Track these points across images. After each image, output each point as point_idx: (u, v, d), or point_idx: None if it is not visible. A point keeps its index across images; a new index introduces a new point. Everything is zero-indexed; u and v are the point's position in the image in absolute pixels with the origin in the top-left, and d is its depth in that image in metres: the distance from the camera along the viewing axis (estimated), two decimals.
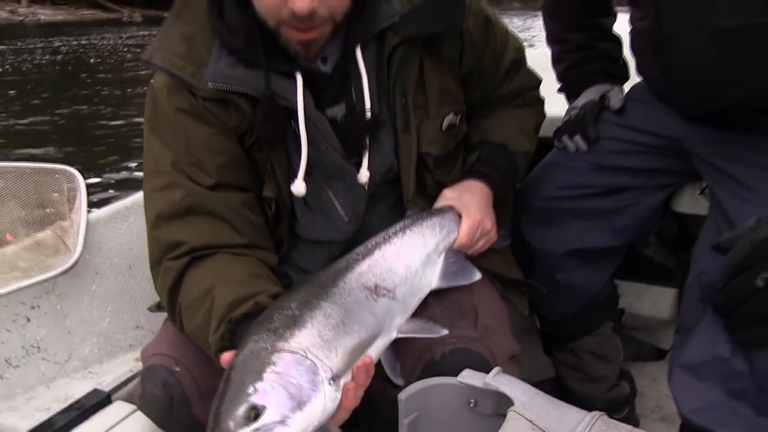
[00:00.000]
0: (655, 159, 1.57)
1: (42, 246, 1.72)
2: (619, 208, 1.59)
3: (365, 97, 1.21)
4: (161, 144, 1.22)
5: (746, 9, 1.17)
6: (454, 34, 1.28)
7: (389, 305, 1.14)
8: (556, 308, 1.72)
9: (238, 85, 1.16)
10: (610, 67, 1.70)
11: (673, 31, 1.31)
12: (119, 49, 20.02)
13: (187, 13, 1.23)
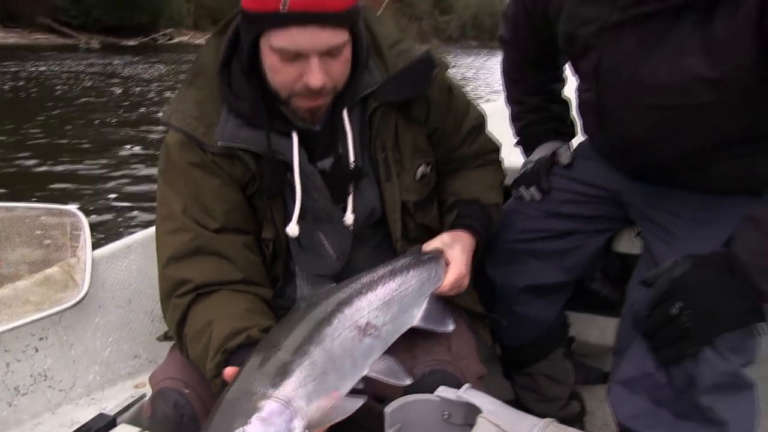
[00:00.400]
0: (598, 207, 1.79)
1: (51, 281, 1.88)
2: (568, 249, 1.81)
3: (350, 152, 1.43)
4: (173, 193, 1.42)
5: (664, 92, 1.40)
6: (422, 99, 1.50)
7: (372, 344, 1.28)
8: (515, 337, 1.92)
9: (244, 144, 1.37)
10: (560, 127, 1.94)
11: (611, 105, 1.54)
12: (83, 77, 19.90)
13: (200, 81, 1.44)
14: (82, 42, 41.29)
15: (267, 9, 1.24)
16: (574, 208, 1.80)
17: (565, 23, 1.59)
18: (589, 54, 1.53)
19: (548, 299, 1.89)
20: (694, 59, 1.31)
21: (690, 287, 1.37)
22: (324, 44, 1.26)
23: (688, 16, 1.31)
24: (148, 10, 49.70)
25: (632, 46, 1.41)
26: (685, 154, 1.51)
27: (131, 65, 25.49)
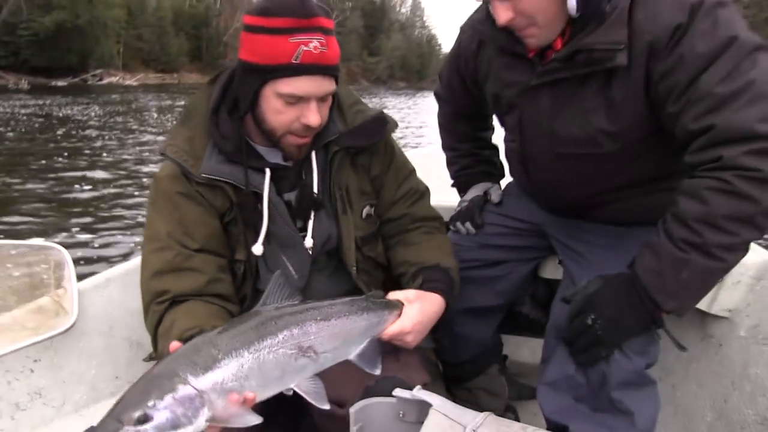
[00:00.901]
0: (525, 239, 2.08)
1: (44, 310, 2.07)
2: (500, 276, 2.08)
3: (314, 185, 1.71)
4: (160, 218, 1.66)
5: (574, 143, 1.69)
6: (368, 150, 1.80)
7: (306, 365, 1.39)
8: (455, 355, 2.17)
9: (225, 177, 1.63)
10: (490, 169, 2.25)
11: (532, 154, 1.84)
12: (20, 118, 19.63)
13: (191, 121, 1.70)
14: (11, 82, 40.52)
15: (279, 61, 1.49)
16: (504, 239, 2.08)
17: (492, 85, 1.86)
18: (512, 111, 1.82)
19: (483, 320, 2.14)
20: (598, 117, 1.60)
21: (600, 302, 1.60)
22: (324, 91, 1.56)
23: (592, 82, 1.58)
24: (78, 51, 49.04)
25: (548, 105, 1.68)
26: (595, 193, 1.80)
27: (65, 106, 25.19)
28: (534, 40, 1.60)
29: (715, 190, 1.39)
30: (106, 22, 50.58)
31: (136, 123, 20.28)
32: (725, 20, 1.42)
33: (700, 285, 1.54)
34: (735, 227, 1.40)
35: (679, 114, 1.46)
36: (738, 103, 1.37)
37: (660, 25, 1.45)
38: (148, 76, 60.69)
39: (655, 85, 1.50)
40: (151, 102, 30.99)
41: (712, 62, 1.40)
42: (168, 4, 71.46)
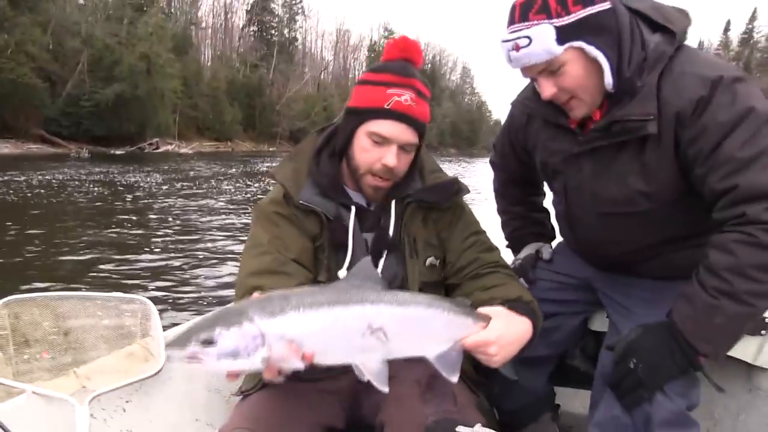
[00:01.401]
0: (574, 293, 2.23)
1: (134, 356, 2.28)
2: (553, 328, 2.20)
3: (390, 229, 1.94)
4: (262, 230, 1.91)
5: (614, 203, 1.86)
6: (441, 209, 2.01)
7: (374, 345, 1.46)
8: (510, 402, 2.28)
9: (318, 207, 1.89)
10: (541, 230, 2.43)
11: (577, 214, 2.02)
12: (85, 184, 20.54)
13: (297, 158, 2.00)
14: (73, 151, 42.03)
15: (376, 105, 1.81)
16: (555, 294, 2.23)
17: (540, 154, 2.07)
18: (558, 177, 2.02)
19: (536, 369, 2.27)
20: (634, 179, 1.79)
21: (641, 347, 1.75)
22: (405, 139, 1.83)
23: (628, 149, 1.77)
24: (136, 121, 50.32)
25: (589, 170, 1.88)
26: (635, 250, 1.96)
27: (126, 173, 26.12)
28: (576, 112, 1.80)
29: (742, 243, 1.57)
30: (163, 93, 52.21)
31: (195, 188, 21.01)
32: (743, 93, 1.62)
33: (731, 330, 1.70)
34: (761, 275, 1.57)
35: (706, 176, 1.64)
36: (758, 165, 1.57)
37: (685, 98, 1.65)
38: (203, 145, 62.33)
39: (684, 150, 1.69)
40: (207, 169, 31.94)
41: (733, 130, 1.59)
42: (222, 75, 73.92)
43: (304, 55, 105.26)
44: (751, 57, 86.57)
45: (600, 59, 1.66)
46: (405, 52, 1.89)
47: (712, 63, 1.70)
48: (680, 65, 1.70)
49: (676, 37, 1.72)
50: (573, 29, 1.64)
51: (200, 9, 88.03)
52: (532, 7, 1.65)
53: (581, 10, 1.63)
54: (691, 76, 1.66)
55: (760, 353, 2.15)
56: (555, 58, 1.67)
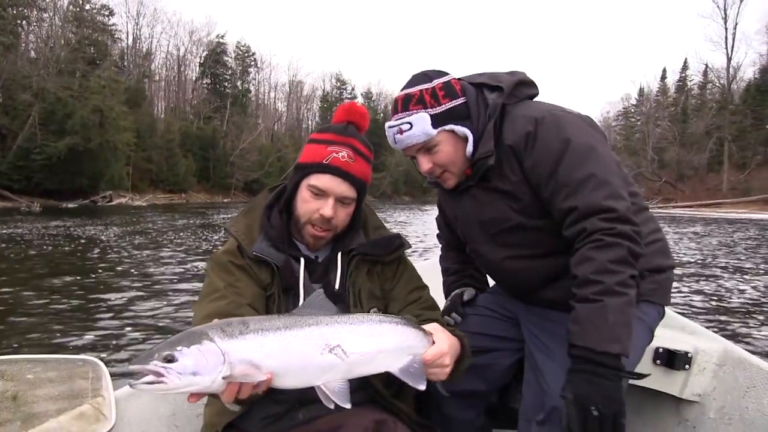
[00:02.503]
0: (506, 329, 2.41)
1: (85, 416, 2.27)
2: (486, 364, 2.36)
3: (336, 281, 2.06)
4: (218, 278, 2.01)
5: (496, 223, 2.18)
6: (384, 262, 2.16)
7: (334, 363, 1.56)
8: None
9: (270, 258, 2.02)
10: (472, 282, 2.62)
11: (475, 247, 2.34)
12: (37, 239, 20.12)
13: (251, 213, 2.16)
14: (24, 205, 41.28)
15: (316, 160, 2.01)
16: (492, 329, 2.42)
17: (445, 210, 2.52)
18: (456, 222, 2.41)
19: (467, 403, 2.40)
20: (501, 202, 2.14)
21: (586, 394, 1.81)
22: (341, 192, 2.01)
23: (488, 181, 2.15)
24: (88, 174, 49.90)
25: (469, 205, 2.25)
26: (529, 265, 2.19)
27: (79, 227, 25.71)
28: (449, 183, 2.22)
29: (594, 248, 1.87)
30: (116, 146, 51.88)
31: (149, 241, 20.74)
32: (562, 127, 2.00)
33: (624, 320, 1.85)
34: (619, 267, 1.84)
35: (551, 198, 2.00)
36: (587, 188, 1.93)
37: (517, 134, 2.05)
38: (157, 197, 62.06)
39: (528, 178, 2.06)
40: (161, 221, 31.61)
41: (561, 158, 1.97)
42: (176, 127, 73.71)
43: (257, 107, 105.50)
44: (687, 103, 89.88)
45: (468, 135, 2.10)
46: (350, 115, 2.10)
47: (539, 107, 2.10)
48: (515, 111, 2.11)
49: (504, 90, 2.13)
50: (443, 116, 2.09)
51: (153, 62, 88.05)
52: (411, 100, 2.10)
53: (449, 102, 2.10)
54: (521, 117, 2.07)
55: (685, 387, 2.32)
56: (430, 138, 2.09)
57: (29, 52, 59.36)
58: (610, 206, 1.89)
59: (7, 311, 9.31)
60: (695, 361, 2.31)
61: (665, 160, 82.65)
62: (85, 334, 7.98)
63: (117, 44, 78.07)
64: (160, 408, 2.46)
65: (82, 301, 10.22)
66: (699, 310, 10.06)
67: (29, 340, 7.70)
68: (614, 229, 1.87)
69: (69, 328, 8.36)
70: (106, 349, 7.24)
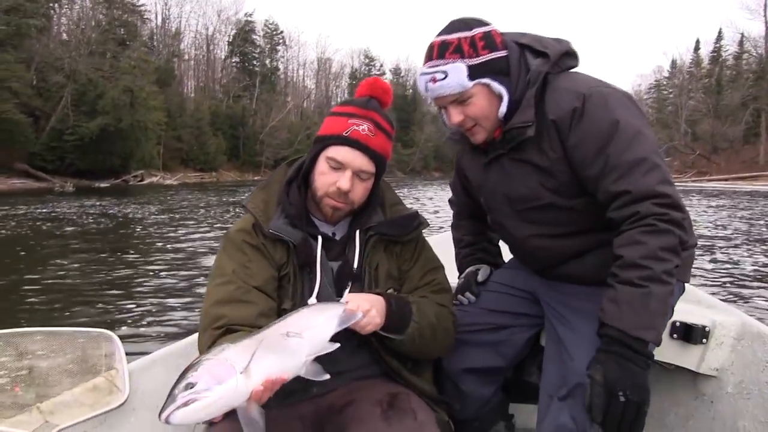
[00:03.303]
0: (522, 305, 2.36)
1: (99, 389, 2.30)
2: (501, 340, 2.34)
3: (354, 260, 2.03)
4: (228, 259, 2.00)
5: (524, 200, 2.12)
6: (402, 241, 2.12)
7: (299, 342, 1.68)
8: (463, 411, 2.36)
9: (287, 236, 1.99)
10: (486, 257, 2.57)
11: (499, 219, 2.26)
12: (70, 217, 20.46)
13: (268, 188, 2.13)
14: (57, 185, 41.87)
15: (336, 132, 1.98)
16: (506, 305, 2.37)
17: (468, 175, 2.36)
18: (480, 190, 2.29)
19: (486, 380, 2.37)
20: (533, 177, 2.06)
21: (615, 378, 1.80)
22: (359, 166, 1.98)
23: (521, 152, 2.06)
24: (120, 154, 50.30)
25: (497, 177, 2.16)
26: (554, 244, 2.14)
27: (112, 206, 26.15)
28: (477, 137, 2.11)
29: (647, 233, 1.83)
30: (146, 125, 52.14)
31: (180, 219, 21.02)
32: (611, 106, 1.93)
33: (664, 309, 1.87)
34: (669, 255, 1.82)
35: (599, 179, 1.93)
36: (640, 171, 1.87)
37: (562, 109, 1.96)
38: (188, 176, 62.36)
39: (570, 155, 1.98)
40: (192, 199, 31.95)
41: (610, 139, 1.90)
42: (206, 106, 74.01)
43: (286, 85, 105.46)
44: (721, 74, 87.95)
45: (503, 94, 2.01)
46: (373, 90, 2.07)
47: (585, 81, 2.02)
48: (559, 82, 2.02)
49: (550, 58, 2.02)
50: (481, 68, 1.99)
51: (182, 42, 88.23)
52: (448, 47, 1.98)
53: (488, 54, 1.99)
54: (566, 91, 1.98)
55: (702, 361, 2.28)
56: (465, 90, 1.99)
57: (61, 35, 59.93)
58: (664, 191, 1.85)
59: (32, 286, 9.49)
60: (713, 335, 2.27)
61: (699, 133, 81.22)
62: (115, 308, 8.17)
63: (146, 24, 78.39)
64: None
65: (110, 277, 10.43)
66: (717, 283, 9.93)
67: (52, 312, 7.91)
68: (668, 215, 1.83)
69: (97, 302, 8.54)
70: (136, 324, 7.35)
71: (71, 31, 59.47)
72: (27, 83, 47.11)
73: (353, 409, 1.90)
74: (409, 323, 1.98)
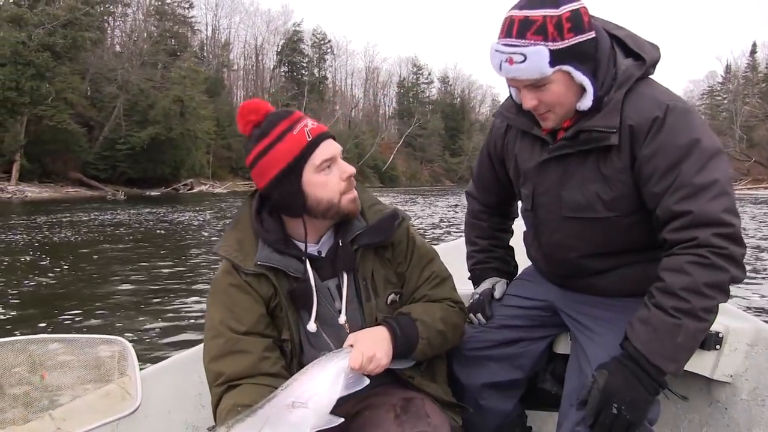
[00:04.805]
0: (538, 318, 2.27)
1: (111, 396, 2.29)
2: (517, 353, 2.26)
3: (344, 278, 1.97)
4: (215, 309, 1.93)
5: (576, 208, 1.95)
6: (390, 246, 2.05)
7: (305, 413, 1.66)
8: (483, 426, 2.30)
9: (276, 264, 1.91)
10: (502, 266, 2.47)
11: (541, 216, 2.08)
12: (123, 226, 20.91)
13: (239, 225, 2.01)
14: (109, 193, 42.87)
15: (302, 146, 1.86)
16: (519, 320, 2.27)
17: (513, 161, 2.16)
18: (527, 182, 2.10)
19: (506, 393, 2.30)
20: (595, 187, 1.91)
21: (616, 389, 1.78)
22: (339, 149, 1.92)
23: (591, 158, 1.90)
24: (170, 162, 51.22)
25: (556, 176, 1.99)
26: (591, 256, 2.02)
27: (163, 213, 26.70)
28: (549, 123, 1.93)
29: (696, 264, 1.72)
30: (196, 134, 53.13)
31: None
32: (694, 124, 1.81)
33: (691, 346, 1.80)
34: (713, 292, 1.72)
35: (663, 195, 1.79)
36: (709, 194, 1.73)
37: (642, 116, 1.81)
38: (237, 184, 63.08)
39: (639, 167, 1.83)
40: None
41: (688, 155, 1.76)
42: None
43: (334, 93, 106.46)
44: None
45: (586, 85, 1.82)
46: (254, 114, 1.93)
47: (666, 91, 1.88)
48: (642, 88, 1.86)
49: (645, 63, 1.87)
50: (565, 54, 1.77)
51: (232, 52, 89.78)
52: (530, 27, 1.76)
53: (574, 37, 1.77)
54: (649, 98, 1.83)
55: (716, 368, 2.22)
56: (544, 77, 1.80)
57: (114, 47, 61.56)
58: (729, 221, 1.73)
59: (85, 294, 9.70)
60: (726, 341, 2.21)
61: (755, 139, 79.53)
62: (135, 315, 8.27)
63: (196, 35, 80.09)
64: (186, 387, 2.45)
65: (152, 282, 10.59)
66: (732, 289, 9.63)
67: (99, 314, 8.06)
68: (726, 249, 1.71)
69: (142, 305, 8.72)
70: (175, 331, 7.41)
71: (124, 43, 61.23)
72: (82, 94, 48.71)
73: (367, 415, 1.90)
74: (417, 343, 1.95)
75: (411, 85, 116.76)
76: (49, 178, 43.87)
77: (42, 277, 11.12)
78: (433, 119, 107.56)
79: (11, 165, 41.88)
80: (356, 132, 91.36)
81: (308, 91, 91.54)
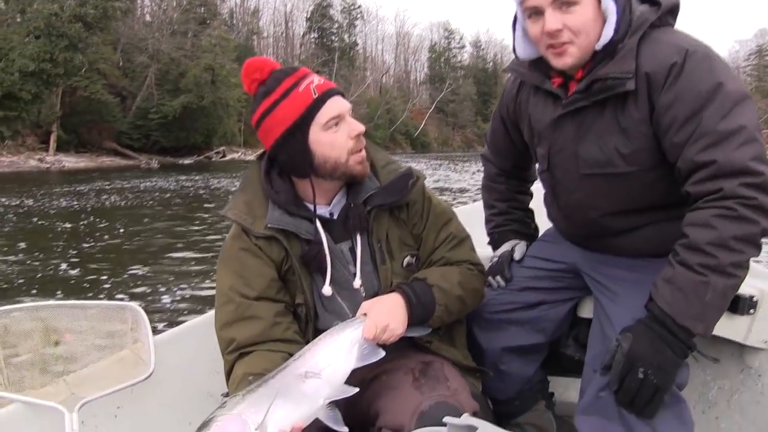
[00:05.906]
0: (560, 280, 2.20)
1: (125, 362, 2.29)
2: (539, 316, 2.20)
3: (358, 241, 1.92)
4: (224, 274, 1.91)
5: (594, 164, 1.86)
6: (405, 205, 1.98)
7: (317, 383, 1.64)
8: (503, 391, 2.27)
9: (287, 226, 1.86)
10: (522, 229, 2.40)
11: (559, 177, 2.00)
12: (156, 194, 21.42)
13: (247, 188, 1.96)
14: (143, 162, 43.40)
15: (307, 104, 1.79)
16: (540, 282, 2.21)
17: (527, 120, 2.08)
18: (543, 141, 2.01)
19: (527, 358, 2.26)
20: (613, 139, 1.81)
21: (642, 353, 1.71)
22: (347, 107, 1.86)
23: (608, 109, 1.80)
24: (202, 131, 51.49)
25: (572, 132, 1.90)
26: (612, 214, 1.93)
27: (196, 181, 27.25)
28: (568, 58, 1.79)
29: (722, 217, 1.62)
30: (227, 102, 53.14)
31: None
32: (716, 68, 1.69)
33: (721, 304, 1.70)
34: (742, 246, 1.62)
35: (684, 146, 1.69)
36: (735, 142, 1.63)
37: (659, 62, 1.71)
38: None
39: (657, 116, 1.74)
40: None
41: (709, 102, 1.66)
42: None
43: (365, 60, 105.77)
44: None
45: (610, 10, 1.73)
46: (258, 72, 1.88)
47: (688, 38, 1.77)
48: (659, 34, 1.77)
49: (660, 7, 1.78)
50: None
51: (261, 19, 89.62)
52: None
53: None
54: (667, 44, 1.74)
55: (749, 332, 2.14)
56: None
57: (144, 16, 61.79)
58: (758, 169, 1.61)
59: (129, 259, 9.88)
60: (761, 305, 2.10)
61: None
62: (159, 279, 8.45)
63: (226, 3, 79.97)
64: (200, 354, 2.43)
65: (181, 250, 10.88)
66: (764, 250, 9.45)
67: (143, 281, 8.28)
68: (755, 199, 1.60)
69: (159, 271, 8.97)
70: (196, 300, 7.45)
71: (154, 12, 61.48)
72: (114, 65, 48.99)
73: (385, 378, 1.87)
74: (434, 310, 1.90)
75: (442, 50, 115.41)
76: (85, 148, 44.49)
77: (100, 242, 11.73)
78: (465, 84, 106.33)
79: (48, 136, 42.43)
80: (387, 98, 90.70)
81: (338, 58, 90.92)
